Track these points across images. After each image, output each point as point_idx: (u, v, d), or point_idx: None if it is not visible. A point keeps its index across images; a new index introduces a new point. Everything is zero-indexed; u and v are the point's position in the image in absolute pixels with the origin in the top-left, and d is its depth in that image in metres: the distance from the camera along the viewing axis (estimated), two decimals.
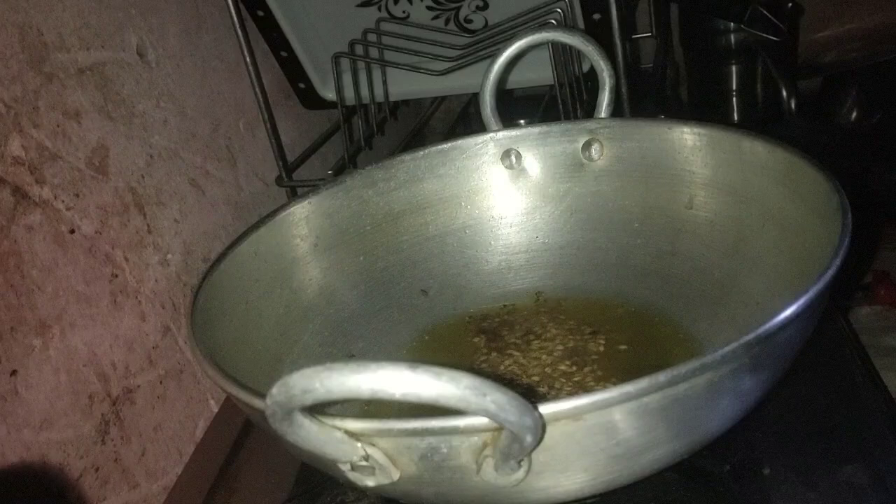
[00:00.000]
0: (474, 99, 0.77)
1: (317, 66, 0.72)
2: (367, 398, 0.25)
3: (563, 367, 0.47)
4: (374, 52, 0.69)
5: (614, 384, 0.29)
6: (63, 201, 0.47)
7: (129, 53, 0.55)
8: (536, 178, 0.55)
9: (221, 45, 0.66)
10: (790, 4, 0.92)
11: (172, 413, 0.53)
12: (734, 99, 0.99)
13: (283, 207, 0.51)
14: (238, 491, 0.49)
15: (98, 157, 0.50)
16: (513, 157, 0.55)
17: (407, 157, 0.55)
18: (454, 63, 0.67)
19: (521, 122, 0.62)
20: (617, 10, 0.59)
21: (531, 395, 0.27)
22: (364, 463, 0.30)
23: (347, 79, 0.70)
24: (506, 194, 0.56)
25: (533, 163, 0.55)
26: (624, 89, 0.61)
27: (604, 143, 0.53)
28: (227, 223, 0.63)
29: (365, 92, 0.72)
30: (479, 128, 0.56)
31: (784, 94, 0.92)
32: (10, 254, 0.43)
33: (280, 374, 0.26)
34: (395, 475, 0.30)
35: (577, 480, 0.32)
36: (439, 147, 0.55)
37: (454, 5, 0.67)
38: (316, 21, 0.69)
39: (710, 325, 0.47)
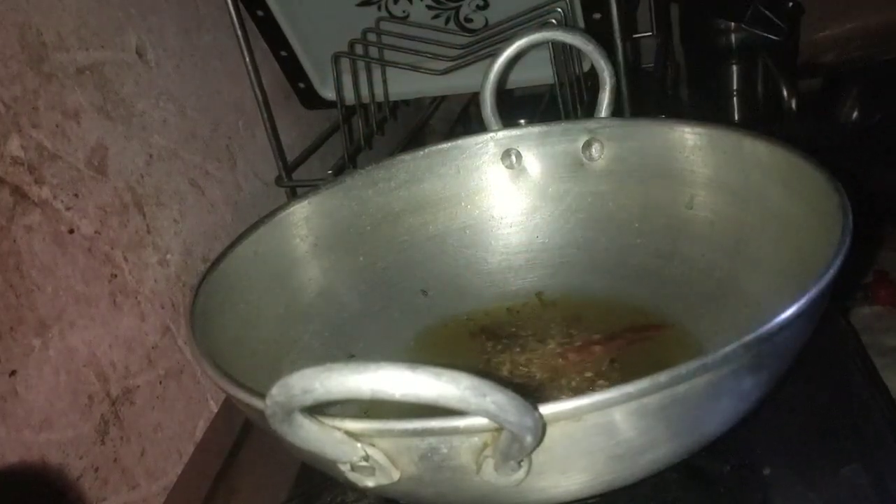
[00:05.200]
0: (474, 99, 0.77)
1: (317, 66, 0.72)
2: (367, 398, 0.25)
3: (562, 368, 0.47)
4: (373, 52, 0.69)
5: (614, 384, 0.29)
6: (62, 201, 0.47)
7: (128, 53, 0.55)
8: (536, 178, 0.55)
9: (221, 45, 0.66)
10: (790, 4, 0.92)
11: (172, 413, 0.53)
12: (734, 99, 0.99)
13: (283, 207, 0.51)
14: (238, 491, 0.49)
15: (97, 157, 0.50)
16: (513, 157, 0.55)
17: (407, 157, 0.55)
18: (454, 63, 0.67)
19: (521, 122, 0.62)
20: (617, 10, 0.59)
21: (531, 396, 0.27)
22: (364, 463, 0.30)
23: (347, 79, 0.70)
24: (506, 194, 0.56)
25: (533, 163, 0.55)
26: (624, 89, 0.61)
27: (604, 142, 0.53)
28: (227, 223, 0.63)
29: (365, 92, 0.72)
30: (479, 128, 0.56)
31: (784, 94, 0.92)
32: (10, 254, 0.43)
33: (280, 374, 0.26)
34: (395, 475, 0.30)
35: (577, 481, 0.32)
36: (439, 147, 0.55)
37: (454, 5, 0.67)
38: (316, 21, 0.69)
39: (711, 325, 0.47)
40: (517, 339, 0.50)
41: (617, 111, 0.55)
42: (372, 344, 0.51)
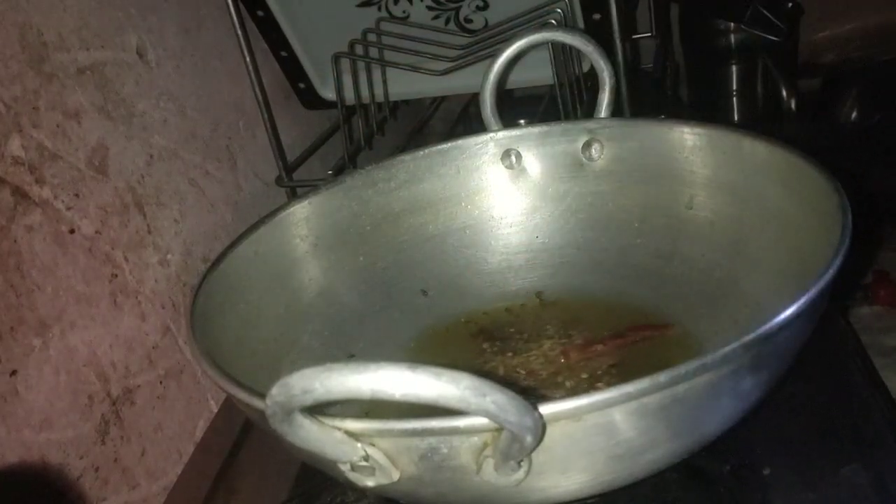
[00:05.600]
0: (474, 99, 0.77)
1: (317, 66, 0.72)
2: (367, 398, 0.25)
3: (562, 368, 0.47)
4: (374, 52, 0.69)
5: (614, 384, 0.29)
6: (63, 201, 0.47)
7: (128, 53, 0.55)
8: (536, 178, 0.55)
9: (221, 45, 0.66)
10: (790, 5, 0.92)
11: (172, 413, 0.53)
12: (734, 99, 0.99)
13: (283, 207, 0.51)
14: (238, 491, 0.49)
15: (98, 157, 0.50)
16: (513, 157, 0.55)
17: (407, 157, 0.55)
18: (454, 63, 0.67)
19: (521, 122, 0.62)
20: (617, 10, 0.59)
21: (531, 396, 0.27)
22: (364, 463, 0.30)
23: (347, 79, 0.70)
24: (506, 194, 0.56)
25: (533, 163, 0.55)
26: (624, 89, 0.61)
27: (604, 143, 0.53)
28: (227, 223, 0.63)
29: (365, 92, 0.72)
30: (479, 128, 0.56)
31: (784, 94, 0.92)
32: (10, 254, 0.43)
33: (280, 374, 0.26)
34: (395, 475, 0.30)
35: (577, 481, 0.32)
36: (439, 147, 0.55)
37: (454, 5, 0.67)
38: (316, 21, 0.69)
39: (711, 325, 0.47)
40: (517, 340, 0.50)
41: (617, 111, 0.55)
42: (372, 344, 0.51)
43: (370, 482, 0.31)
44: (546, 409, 0.28)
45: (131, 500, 0.49)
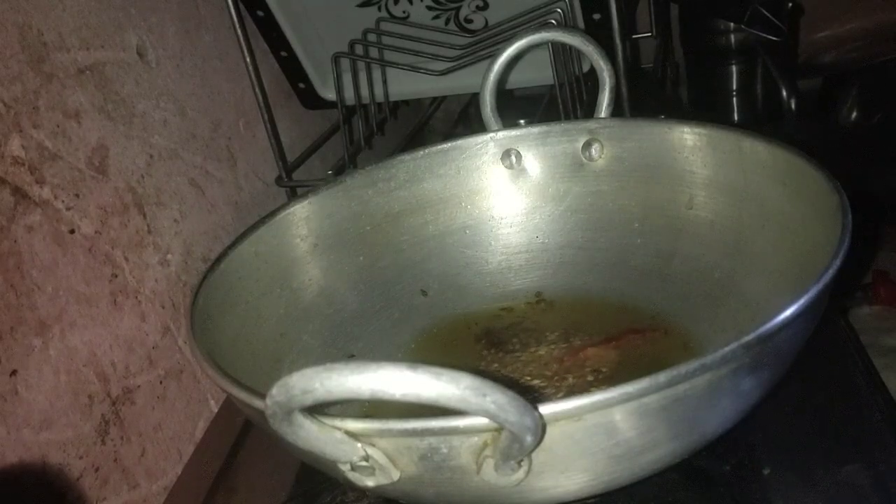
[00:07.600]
0: (474, 99, 0.77)
1: (317, 66, 0.72)
2: (367, 398, 0.25)
3: (562, 367, 0.47)
4: (374, 52, 0.69)
5: (614, 384, 0.29)
6: (63, 201, 0.47)
7: (129, 53, 0.55)
8: (536, 178, 0.55)
9: (221, 45, 0.66)
10: (790, 4, 0.92)
11: (172, 413, 0.53)
12: (734, 99, 0.99)
13: (283, 207, 0.51)
14: (238, 491, 0.49)
15: (98, 157, 0.50)
16: (513, 157, 0.55)
17: (407, 157, 0.55)
18: (454, 63, 0.67)
19: (521, 122, 0.62)
20: (617, 10, 0.59)
21: (531, 396, 0.27)
22: (364, 463, 0.30)
23: (347, 79, 0.70)
24: (506, 194, 0.56)
25: (533, 163, 0.55)
26: (624, 89, 0.61)
27: (604, 143, 0.53)
28: (227, 223, 0.63)
29: (365, 92, 0.72)
30: (479, 128, 0.56)
31: (784, 94, 0.92)
32: (10, 254, 0.43)
33: (280, 374, 0.26)
34: (395, 475, 0.30)
35: (577, 481, 0.32)
36: (439, 147, 0.55)
37: (454, 5, 0.67)
38: (316, 21, 0.69)
39: (711, 325, 0.47)
40: (517, 340, 0.50)
41: (617, 111, 0.55)
42: (372, 344, 0.51)
43: (370, 482, 0.31)
44: (546, 409, 0.28)
45: (131, 500, 0.49)
